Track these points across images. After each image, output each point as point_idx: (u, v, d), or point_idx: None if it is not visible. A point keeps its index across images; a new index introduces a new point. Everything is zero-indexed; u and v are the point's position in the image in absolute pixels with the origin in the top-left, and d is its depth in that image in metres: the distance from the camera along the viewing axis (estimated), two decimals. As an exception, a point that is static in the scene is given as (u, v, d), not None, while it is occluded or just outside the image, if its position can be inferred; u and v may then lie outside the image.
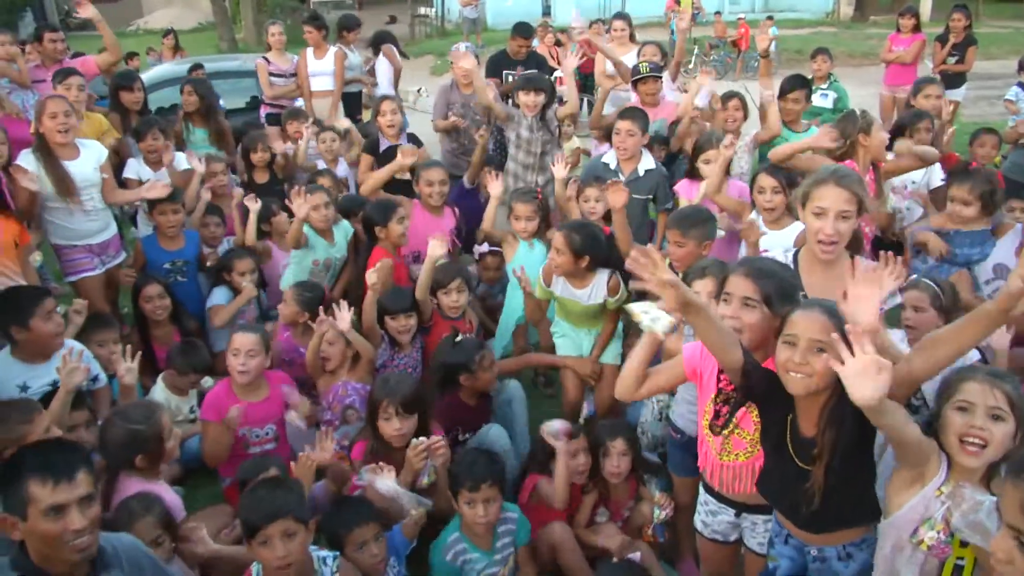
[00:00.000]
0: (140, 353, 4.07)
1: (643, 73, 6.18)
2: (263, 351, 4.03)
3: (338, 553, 3.02)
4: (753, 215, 4.41)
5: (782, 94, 6.02)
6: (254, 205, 5.42)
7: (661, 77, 6.30)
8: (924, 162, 4.86)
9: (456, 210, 5.51)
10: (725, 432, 2.81)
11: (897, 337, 3.37)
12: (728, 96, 6.08)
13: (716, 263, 3.44)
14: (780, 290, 2.72)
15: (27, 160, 4.84)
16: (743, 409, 2.78)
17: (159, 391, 4.46)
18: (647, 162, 5.31)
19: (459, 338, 4.18)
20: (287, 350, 4.64)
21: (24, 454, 2.34)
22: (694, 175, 5.23)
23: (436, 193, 5.28)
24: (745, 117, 6.02)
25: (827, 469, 2.46)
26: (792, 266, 3.18)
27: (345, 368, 4.29)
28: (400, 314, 4.40)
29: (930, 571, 2.44)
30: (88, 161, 5.03)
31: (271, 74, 7.72)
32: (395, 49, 8.59)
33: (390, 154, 5.80)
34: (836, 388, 2.39)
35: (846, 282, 2.52)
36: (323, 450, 3.46)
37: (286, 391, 4.05)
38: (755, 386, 2.57)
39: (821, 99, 7.56)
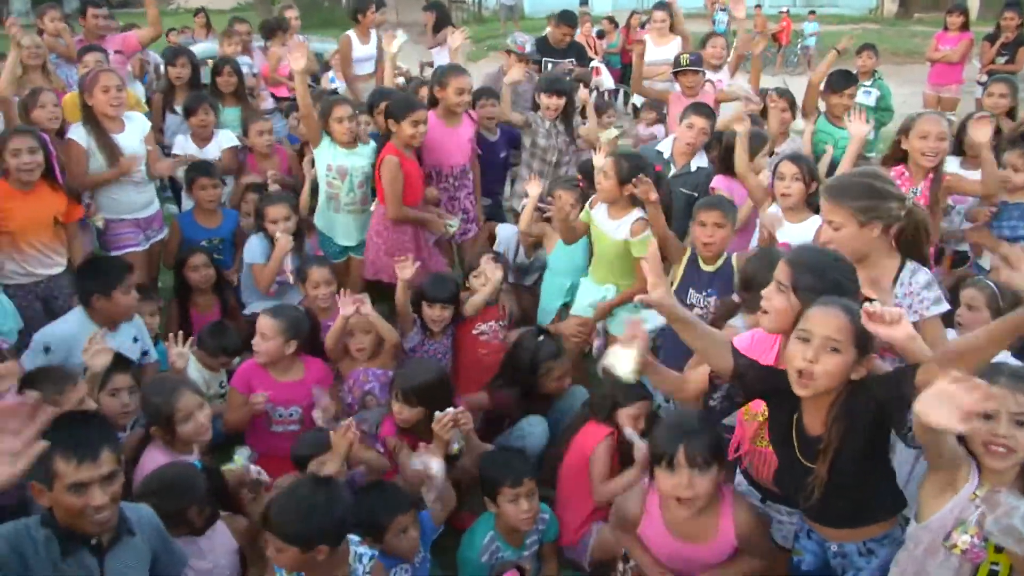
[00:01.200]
0: (187, 336, 4.14)
1: (683, 65, 6.12)
2: (282, 336, 3.99)
3: (375, 553, 2.99)
4: (774, 207, 4.36)
5: (833, 90, 5.92)
6: (311, 170, 5.42)
7: (701, 70, 6.25)
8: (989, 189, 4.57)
9: (474, 116, 5.46)
10: (760, 418, 2.81)
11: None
12: (778, 94, 5.88)
13: None
14: (818, 280, 2.63)
15: (77, 133, 4.92)
16: None
17: (192, 366, 4.50)
18: (700, 159, 5.27)
19: (541, 338, 4.19)
20: None
21: (51, 430, 2.38)
22: (729, 171, 5.17)
23: (464, 103, 5.21)
24: (793, 116, 5.87)
25: (833, 467, 2.45)
26: None
27: (368, 354, 4.31)
28: (438, 303, 4.37)
29: (966, 574, 2.42)
30: (134, 133, 5.11)
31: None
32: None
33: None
34: (844, 387, 2.39)
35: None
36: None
37: (316, 393, 4.01)
38: (752, 385, 2.58)
39: (864, 96, 7.45)
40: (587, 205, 4.52)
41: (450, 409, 3.46)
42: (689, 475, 2.66)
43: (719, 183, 5.10)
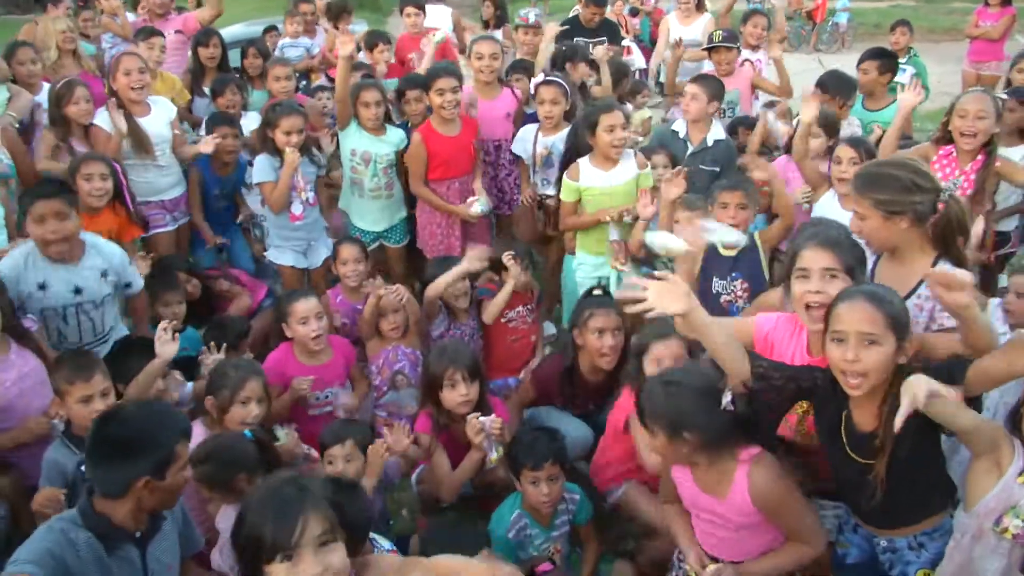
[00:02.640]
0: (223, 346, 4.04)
1: (716, 42, 5.98)
2: (324, 312, 4.04)
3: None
4: (830, 194, 4.27)
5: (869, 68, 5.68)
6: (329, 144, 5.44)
7: (736, 47, 6.08)
8: None
9: (517, 92, 5.33)
10: (800, 412, 2.75)
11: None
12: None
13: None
14: (857, 257, 2.62)
15: (103, 118, 4.93)
16: None
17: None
18: (716, 132, 5.13)
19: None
20: (345, 312, 4.61)
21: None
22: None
23: (486, 68, 5.09)
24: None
25: (890, 462, 2.38)
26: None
27: (400, 332, 4.30)
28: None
29: (1017, 559, 2.35)
30: (159, 117, 5.12)
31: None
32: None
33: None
34: (896, 378, 2.32)
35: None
36: (397, 443, 3.45)
37: (335, 392, 4.05)
38: (783, 386, 2.53)
39: (899, 73, 7.31)
40: (566, 179, 4.50)
41: (487, 418, 3.46)
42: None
43: (780, 164, 4.94)
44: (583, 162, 4.51)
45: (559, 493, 3.29)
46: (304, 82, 7.18)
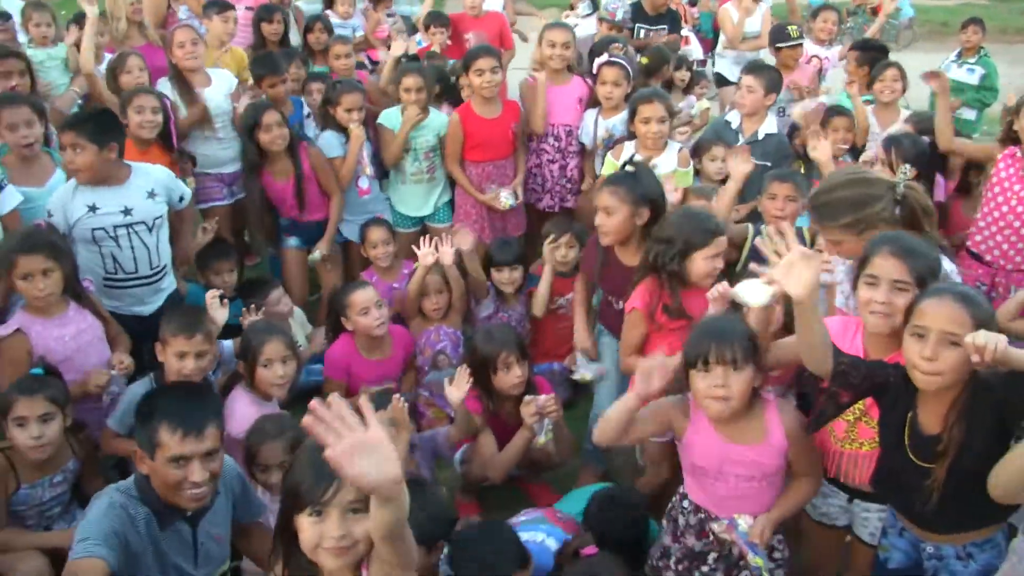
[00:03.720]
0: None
1: (794, 38, 5.86)
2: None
3: None
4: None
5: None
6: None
7: (800, 44, 5.96)
8: None
9: (589, 82, 5.20)
10: (850, 419, 2.70)
11: None
12: (885, 65, 5.51)
13: None
14: (930, 269, 2.53)
15: (164, 87, 5.02)
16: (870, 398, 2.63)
17: (296, 320, 4.68)
18: (769, 125, 5.03)
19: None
20: (382, 292, 4.50)
21: (160, 396, 2.48)
22: None
23: (557, 56, 5.03)
24: (904, 89, 5.46)
25: (951, 469, 2.32)
26: None
27: (443, 312, 4.32)
28: (506, 266, 4.38)
29: None
30: (219, 89, 5.18)
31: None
32: None
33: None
34: (968, 383, 2.26)
35: None
36: (458, 388, 3.50)
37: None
38: (859, 385, 2.45)
39: (967, 74, 7.12)
40: (609, 155, 4.41)
41: (543, 396, 3.46)
42: (724, 373, 2.53)
43: None
44: (628, 145, 4.50)
45: None
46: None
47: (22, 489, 3.11)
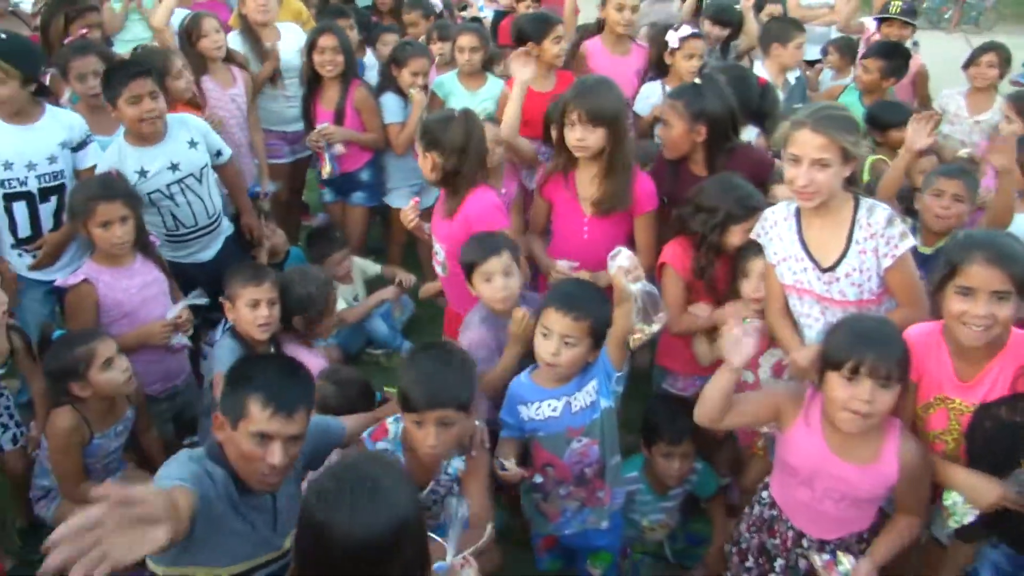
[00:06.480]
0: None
1: (891, 13, 5.58)
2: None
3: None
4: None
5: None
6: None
7: (913, 24, 5.65)
8: None
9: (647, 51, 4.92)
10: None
11: None
12: (984, 49, 5.19)
13: None
14: None
15: (235, 42, 4.96)
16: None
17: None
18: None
19: None
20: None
21: (256, 365, 2.33)
22: None
23: (624, 21, 4.74)
24: (1001, 75, 5.17)
25: None
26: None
27: None
28: None
29: None
30: (289, 44, 5.11)
31: None
32: None
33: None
34: None
35: None
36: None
37: None
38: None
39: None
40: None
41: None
42: (872, 388, 2.30)
43: None
44: None
45: (688, 471, 3.18)
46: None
47: (94, 440, 3.15)
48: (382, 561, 1.78)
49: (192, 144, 3.85)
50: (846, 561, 2.51)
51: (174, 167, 3.76)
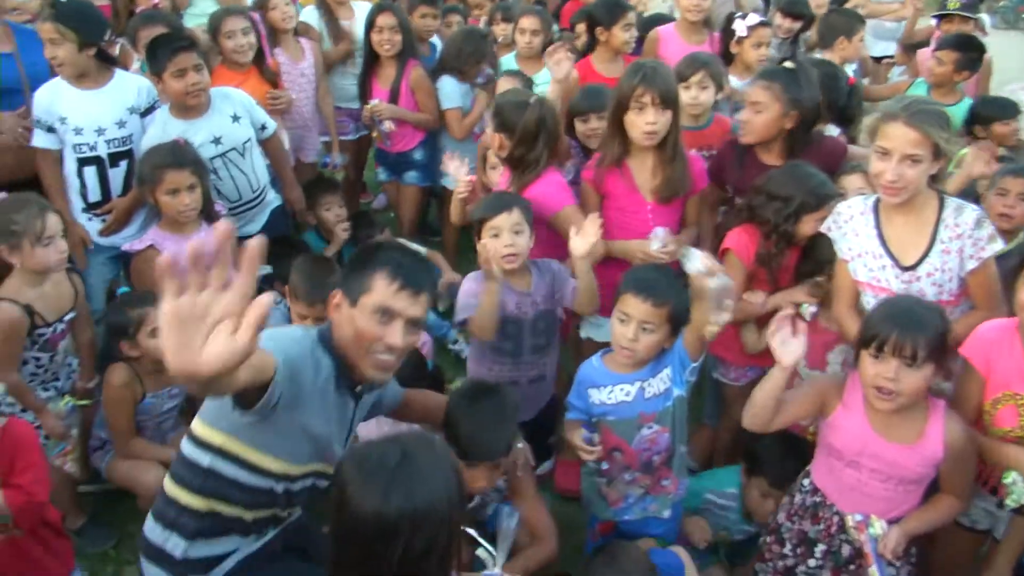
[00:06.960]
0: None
1: (949, 8, 5.43)
2: None
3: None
4: None
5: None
6: None
7: (976, 18, 5.46)
8: None
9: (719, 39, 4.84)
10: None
11: None
12: None
13: None
14: None
15: (310, 16, 4.99)
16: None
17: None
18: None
19: None
20: None
21: (385, 249, 2.24)
22: None
23: (694, 8, 4.64)
24: None
25: None
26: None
27: None
28: (592, 113, 3.80)
29: None
30: (362, 22, 5.03)
31: None
32: None
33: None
34: None
35: None
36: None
37: None
38: None
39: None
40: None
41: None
42: (897, 367, 2.29)
43: None
44: None
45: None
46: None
47: (146, 399, 3.21)
48: (394, 543, 1.70)
49: (235, 118, 3.87)
50: (877, 525, 2.50)
51: (216, 140, 3.79)
